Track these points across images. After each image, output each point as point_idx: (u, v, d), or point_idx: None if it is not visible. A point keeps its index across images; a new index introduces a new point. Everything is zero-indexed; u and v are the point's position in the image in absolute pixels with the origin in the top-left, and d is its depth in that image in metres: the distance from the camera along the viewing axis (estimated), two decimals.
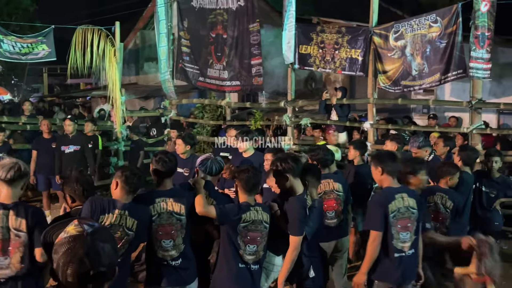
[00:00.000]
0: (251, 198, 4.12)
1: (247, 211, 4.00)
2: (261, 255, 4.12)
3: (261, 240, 4.07)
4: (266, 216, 4.11)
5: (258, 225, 4.03)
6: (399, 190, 4.35)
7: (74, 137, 9.18)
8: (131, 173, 3.83)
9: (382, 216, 4.22)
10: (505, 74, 10.94)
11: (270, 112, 12.33)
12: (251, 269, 4.05)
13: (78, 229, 1.76)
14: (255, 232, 4.03)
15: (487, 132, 8.45)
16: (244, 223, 3.98)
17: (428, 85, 8.67)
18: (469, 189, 5.78)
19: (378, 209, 4.26)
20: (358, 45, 9.17)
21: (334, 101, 9.85)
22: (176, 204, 4.06)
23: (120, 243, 3.71)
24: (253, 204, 4.10)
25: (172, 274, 4.04)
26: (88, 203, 3.64)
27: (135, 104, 16.25)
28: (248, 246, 4.01)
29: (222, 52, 10.93)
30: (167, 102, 12.33)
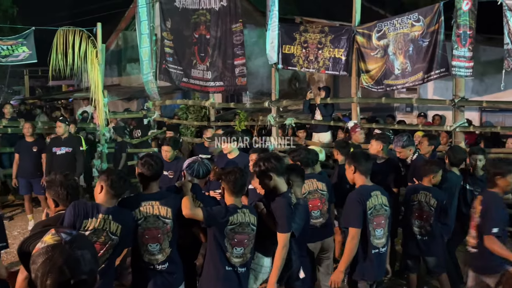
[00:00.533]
0: (238, 200, 4.08)
1: (234, 214, 3.97)
2: (248, 257, 4.09)
3: (248, 243, 4.05)
4: (253, 218, 4.09)
5: (245, 227, 4.01)
6: (373, 188, 4.50)
7: (66, 139, 9.14)
8: (117, 177, 3.76)
9: (361, 214, 4.33)
10: (487, 72, 11.03)
11: (255, 112, 12.31)
12: (238, 271, 4.01)
13: (56, 238, 1.72)
14: (242, 234, 4.00)
15: (470, 130, 8.51)
16: (231, 226, 3.94)
17: (411, 84, 8.71)
18: (453, 188, 5.80)
19: (358, 206, 4.35)
20: (341, 44, 9.18)
21: (318, 101, 9.86)
22: (163, 207, 4.00)
23: (104, 248, 3.64)
24: (240, 206, 4.07)
25: (158, 279, 3.99)
26: (71, 208, 3.56)
27: (118, 105, 16.13)
28: (235, 249, 3.98)
29: (206, 53, 10.88)
30: (150, 103, 12.24)
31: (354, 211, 4.37)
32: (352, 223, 4.36)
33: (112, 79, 18.71)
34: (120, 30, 18.70)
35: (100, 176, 3.83)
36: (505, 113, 11.51)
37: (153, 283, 3.97)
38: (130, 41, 18.18)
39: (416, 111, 13.04)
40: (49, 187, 3.87)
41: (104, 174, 3.79)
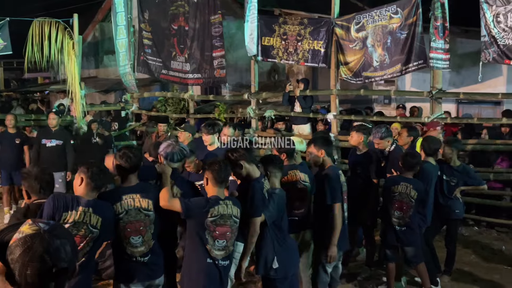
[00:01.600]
0: (220, 191, 4.02)
1: (215, 205, 3.90)
2: (230, 250, 4.05)
3: (230, 235, 3.99)
4: (236, 210, 4.01)
5: (227, 219, 3.93)
6: (338, 168, 5.05)
7: (57, 132, 9.08)
8: (97, 169, 3.71)
9: (340, 189, 4.82)
10: (464, 65, 11.16)
11: (234, 104, 12.29)
12: (218, 265, 3.95)
13: (34, 228, 1.70)
14: (224, 226, 3.93)
15: (448, 121, 8.61)
16: (212, 217, 3.88)
17: (389, 76, 8.76)
18: (430, 179, 5.86)
19: (338, 183, 4.82)
20: (320, 36, 9.20)
21: (297, 93, 9.86)
22: (144, 200, 3.98)
23: (85, 241, 3.59)
24: (223, 198, 4.00)
25: (142, 270, 3.99)
26: (51, 200, 3.51)
27: (95, 98, 15.96)
28: (217, 241, 3.92)
29: (185, 44, 10.80)
30: (128, 96, 12.13)
31: (337, 188, 4.77)
32: (337, 199, 4.77)
33: (89, 71, 18.50)
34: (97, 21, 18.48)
35: (80, 168, 3.76)
36: (481, 105, 11.68)
37: (137, 275, 3.97)
38: (107, 32, 17.97)
39: (394, 103, 13.14)
40: (24, 178, 3.87)
41: (84, 166, 3.73)
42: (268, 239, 4.30)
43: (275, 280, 4.33)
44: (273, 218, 4.27)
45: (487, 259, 6.98)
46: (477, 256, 7.06)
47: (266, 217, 4.20)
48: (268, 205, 4.24)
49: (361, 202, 6.12)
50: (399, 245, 5.66)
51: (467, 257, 7.06)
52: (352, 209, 6.31)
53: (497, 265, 6.75)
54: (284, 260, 4.34)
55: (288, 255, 4.42)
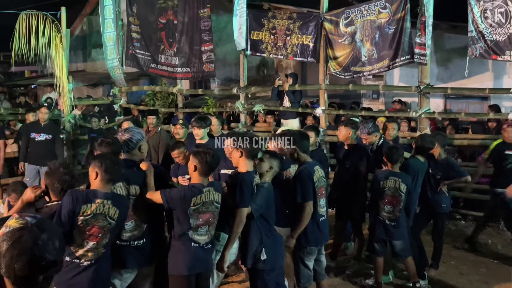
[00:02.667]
0: (205, 180, 4.11)
1: (198, 194, 4.00)
2: (212, 234, 4.19)
3: (213, 220, 4.14)
4: (217, 196, 4.14)
5: (209, 206, 4.06)
6: (314, 164, 4.92)
7: (46, 126, 9.02)
8: (111, 161, 3.78)
9: (312, 187, 4.75)
10: (452, 60, 11.22)
11: (223, 99, 12.27)
12: (204, 247, 4.12)
13: (21, 222, 1.70)
14: (206, 213, 4.06)
15: (435, 116, 8.66)
16: (195, 206, 3.99)
17: (377, 71, 8.80)
18: (416, 174, 5.89)
19: (310, 181, 4.75)
20: (309, 31, 9.20)
21: (286, 88, 9.87)
22: (132, 186, 4.08)
23: (103, 232, 3.67)
24: (206, 185, 4.09)
25: (136, 255, 4.10)
26: (69, 195, 3.57)
27: (83, 91, 15.85)
28: (200, 228, 4.06)
29: (174, 38, 10.75)
30: (116, 90, 12.06)
31: (309, 186, 4.73)
32: (308, 197, 4.72)
33: (77, 65, 18.37)
34: (85, 14, 18.33)
35: (93, 162, 3.79)
36: (468, 100, 11.76)
37: (131, 260, 4.07)
38: (96, 26, 17.81)
39: (383, 97, 13.19)
40: (48, 175, 3.81)
41: (98, 160, 3.77)
42: (256, 231, 4.33)
43: (263, 271, 4.35)
44: (260, 211, 4.30)
45: (473, 253, 7.05)
46: (463, 250, 7.13)
47: (252, 209, 4.23)
48: (255, 198, 4.28)
49: (349, 197, 6.16)
50: (387, 239, 5.71)
51: (454, 251, 7.13)
52: (340, 203, 6.36)
53: (484, 258, 6.82)
54: (272, 252, 4.37)
55: (276, 247, 4.44)
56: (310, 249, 4.87)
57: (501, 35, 7.38)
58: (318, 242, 4.93)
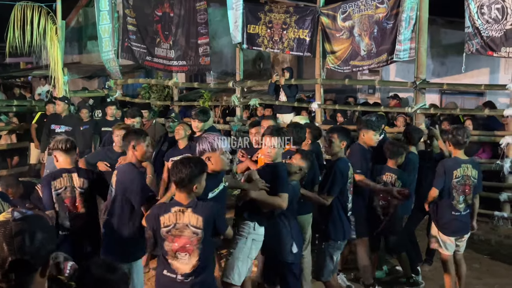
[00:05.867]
0: (181, 196, 3.46)
1: (165, 213, 3.44)
2: (196, 265, 3.45)
3: (193, 248, 3.43)
4: (195, 219, 3.41)
5: (183, 229, 3.40)
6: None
7: (66, 118, 9.03)
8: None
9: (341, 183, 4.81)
10: (448, 55, 11.21)
11: (219, 92, 12.23)
12: (177, 280, 3.48)
13: (6, 216, 1.67)
14: (181, 237, 3.42)
15: (431, 112, 8.67)
16: (165, 227, 3.44)
17: (376, 65, 8.81)
18: (414, 169, 5.90)
19: (342, 177, 4.82)
20: (305, 25, 9.18)
21: (282, 82, 9.85)
22: (80, 179, 4.35)
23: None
24: (186, 204, 3.43)
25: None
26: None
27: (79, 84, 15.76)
28: (179, 254, 3.45)
29: (170, 31, 10.71)
30: (111, 82, 12.02)
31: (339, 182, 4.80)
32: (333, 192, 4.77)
33: (72, 56, 18.25)
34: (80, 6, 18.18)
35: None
36: (464, 96, 11.76)
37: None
38: (91, 18, 17.65)
39: (378, 93, 13.19)
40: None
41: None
42: (285, 226, 4.39)
43: (292, 264, 4.41)
44: (289, 201, 4.32)
45: (467, 248, 7.05)
46: None
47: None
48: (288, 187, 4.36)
49: None
50: (382, 234, 5.71)
51: None
52: None
53: (477, 254, 6.84)
54: (298, 244, 4.47)
55: (299, 239, 4.56)
56: (340, 243, 4.91)
57: (497, 31, 7.39)
58: (345, 236, 4.95)
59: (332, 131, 5.07)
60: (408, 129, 6.33)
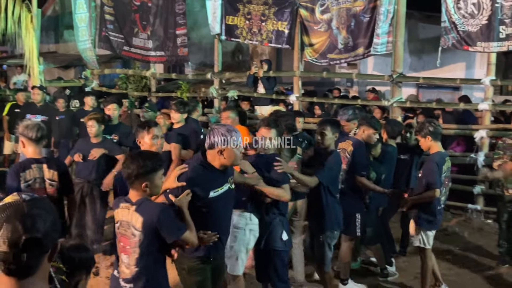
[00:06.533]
0: (132, 193, 3.24)
1: (117, 208, 3.29)
2: (134, 272, 3.18)
3: (131, 251, 3.18)
4: (136, 218, 3.13)
5: (126, 228, 3.19)
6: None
7: (42, 107, 8.85)
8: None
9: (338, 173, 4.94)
10: (425, 50, 11.31)
11: (197, 84, 12.18)
12: (120, 285, 3.32)
13: (15, 198, 1.67)
14: (124, 236, 3.23)
15: (407, 105, 8.75)
16: (117, 223, 3.30)
17: (352, 59, 8.85)
18: (393, 161, 5.96)
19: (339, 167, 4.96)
20: (284, 17, 9.17)
21: (260, 74, 9.84)
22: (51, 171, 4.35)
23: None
24: (134, 202, 3.19)
25: None
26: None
27: (54, 73, 15.55)
28: (122, 255, 3.27)
29: (148, 21, 10.61)
30: (88, 72, 11.87)
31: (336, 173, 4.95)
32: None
33: (48, 46, 17.98)
34: None
35: None
36: (440, 90, 11.90)
37: None
38: (68, 6, 17.34)
39: (356, 86, 13.27)
40: None
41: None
42: (274, 212, 4.40)
43: (281, 251, 4.43)
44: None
45: (440, 241, 7.14)
46: None
47: None
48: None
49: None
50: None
51: None
52: None
53: (450, 246, 6.94)
54: (288, 231, 4.49)
55: (288, 227, 4.59)
56: (336, 233, 5.00)
57: (473, 26, 7.47)
58: (340, 225, 5.01)
59: (324, 123, 5.05)
60: (388, 123, 6.37)
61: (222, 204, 3.62)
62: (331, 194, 4.89)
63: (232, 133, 3.56)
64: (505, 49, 7.48)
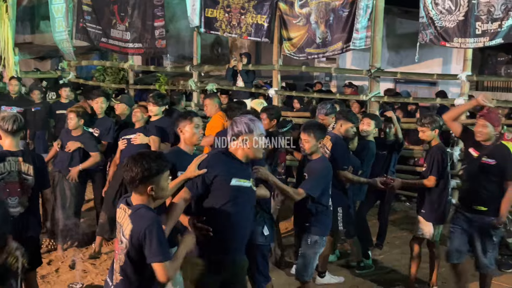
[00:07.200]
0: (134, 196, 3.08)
1: (118, 208, 3.20)
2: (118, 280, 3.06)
3: (118, 257, 3.07)
4: (127, 225, 2.99)
5: (120, 232, 3.07)
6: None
7: (17, 99, 8.73)
8: None
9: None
10: (403, 45, 11.41)
11: (176, 76, 12.10)
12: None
13: None
14: (116, 239, 3.15)
15: (385, 100, 8.82)
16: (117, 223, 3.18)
17: (330, 53, 8.86)
18: (371, 155, 6.01)
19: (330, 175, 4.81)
20: (264, 11, 9.15)
21: (240, 67, 9.82)
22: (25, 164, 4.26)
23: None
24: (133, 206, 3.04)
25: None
26: None
27: (30, 65, 15.32)
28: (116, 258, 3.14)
29: (126, 12, 10.50)
30: (65, 63, 11.71)
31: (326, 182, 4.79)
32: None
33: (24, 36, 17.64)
34: None
35: None
36: (417, 85, 12.02)
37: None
38: None
39: (335, 80, 13.33)
40: None
41: None
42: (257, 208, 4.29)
43: (263, 246, 4.41)
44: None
45: None
46: (407, 231, 7.31)
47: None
48: None
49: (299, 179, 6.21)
50: None
51: (398, 232, 7.32)
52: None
53: None
54: (270, 227, 4.48)
55: (271, 221, 4.56)
56: (324, 239, 4.79)
57: (450, 21, 7.55)
58: (328, 230, 4.88)
59: (308, 128, 4.67)
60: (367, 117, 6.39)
61: (242, 200, 3.48)
62: (321, 204, 4.67)
63: (255, 122, 3.51)
64: (481, 45, 7.57)
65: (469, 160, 4.99)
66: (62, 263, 5.90)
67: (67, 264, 5.84)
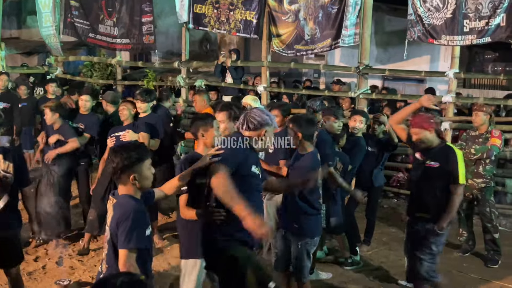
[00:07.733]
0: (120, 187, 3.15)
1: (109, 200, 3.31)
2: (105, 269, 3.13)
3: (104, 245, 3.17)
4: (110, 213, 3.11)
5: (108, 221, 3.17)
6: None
7: (4, 94, 8.67)
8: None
9: None
10: (391, 42, 11.44)
11: (164, 72, 12.06)
12: None
13: None
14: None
15: (373, 97, 8.85)
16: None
17: (319, 50, 8.86)
18: (361, 152, 6.02)
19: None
20: (253, 7, 9.13)
21: (228, 63, 9.80)
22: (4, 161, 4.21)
23: None
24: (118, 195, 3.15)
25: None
26: None
27: (17, 60, 15.19)
28: None
29: (113, 8, 10.43)
30: (52, 59, 11.61)
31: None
32: None
33: (10, 31, 17.52)
34: None
35: None
36: (405, 82, 12.08)
37: None
38: None
39: (323, 77, 13.35)
40: None
41: None
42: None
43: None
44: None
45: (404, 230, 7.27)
46: (395, 227, 7.35)
47: None
48: None
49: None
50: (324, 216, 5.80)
51: (386, 228, 7.36)
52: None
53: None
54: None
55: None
56: (316, 239, 4.68)
57: (438, 19, 7.58)
58: (320, 231, 4.81)
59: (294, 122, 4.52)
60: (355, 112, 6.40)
61: (257, 188, 3.62)
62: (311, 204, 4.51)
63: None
64: (468, 43, 7.60)
65: (415, 165, 4.87)
66: (49, 260, 5.86)
67: (54, 261, 5.80)
